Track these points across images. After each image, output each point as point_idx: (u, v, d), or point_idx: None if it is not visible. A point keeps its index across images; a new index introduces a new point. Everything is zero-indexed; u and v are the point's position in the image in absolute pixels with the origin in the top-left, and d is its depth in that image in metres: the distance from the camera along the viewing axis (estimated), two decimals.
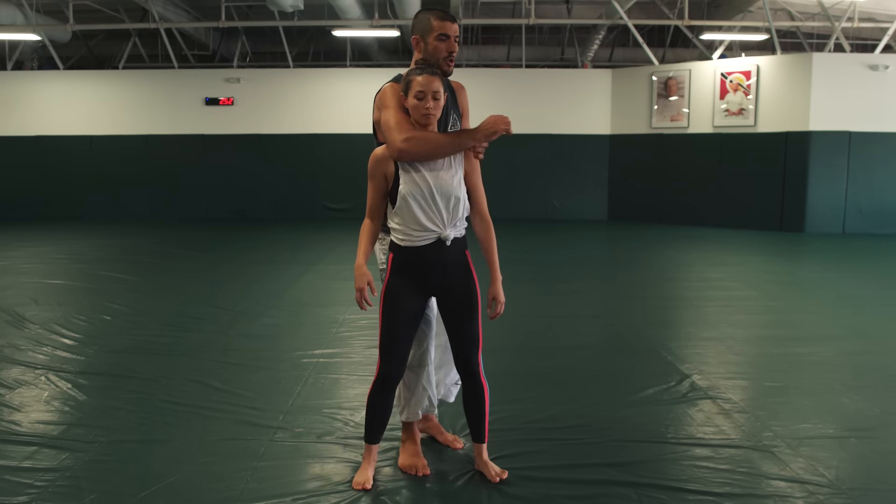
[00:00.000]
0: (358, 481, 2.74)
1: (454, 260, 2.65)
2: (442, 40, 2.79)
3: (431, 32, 2.78)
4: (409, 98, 2.59)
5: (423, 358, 2.88)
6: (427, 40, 2.80)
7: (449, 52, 2.80)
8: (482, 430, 2.79)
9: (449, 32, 2.78)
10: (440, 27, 2.77)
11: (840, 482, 2.77)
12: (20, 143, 12.56)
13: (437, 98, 2.58)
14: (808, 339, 4.95)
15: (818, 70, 10.50)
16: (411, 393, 2.91)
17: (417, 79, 2.57)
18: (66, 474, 2.82)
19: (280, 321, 5.37)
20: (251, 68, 14.06)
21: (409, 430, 2.97)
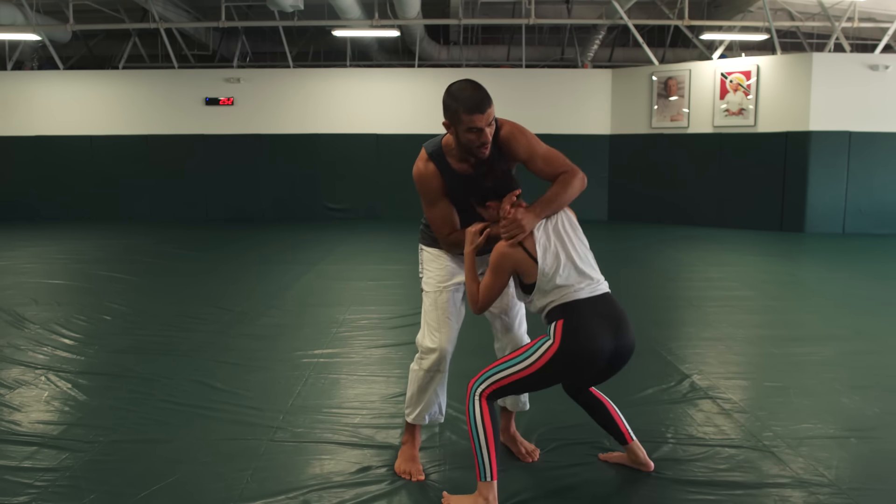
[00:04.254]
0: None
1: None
2: (473, 132, 2.59)
3: (461, 124, 2.59)
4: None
5: (440, 363, 2.84)
6: (458, 130, 2.62)
7: (481, 143, 2.61)
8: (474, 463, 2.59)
9: (480, 125, 2.57)
10: (469, 121, 2.56)
11: (840, 482, 2.77)
12: (20, 143, 12.55)
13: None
14: (808, 339, 4.95)
15: (818, 70, 10.50)
16: (425, 396, 2.88)
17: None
18: (66, 474, 2.82)
19: (280, 321, 5.37)
20: (251, 68, 14.06)
21: (412, 432, 2.96)
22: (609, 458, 2.97)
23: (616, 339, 2.53)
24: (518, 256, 2.56)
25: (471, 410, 2.55)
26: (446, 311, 2.83)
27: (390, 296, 6.23)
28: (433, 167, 2.74)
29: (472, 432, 2.53)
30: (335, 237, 10.23)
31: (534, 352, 2.53)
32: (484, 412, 2.53)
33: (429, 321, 2.85)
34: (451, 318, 2.84)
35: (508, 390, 2.57)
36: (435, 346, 2.81)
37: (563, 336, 2.49)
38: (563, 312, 2.53)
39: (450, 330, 2.83)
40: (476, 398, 2.55)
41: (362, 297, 6.22)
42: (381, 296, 6.26)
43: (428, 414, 2.92)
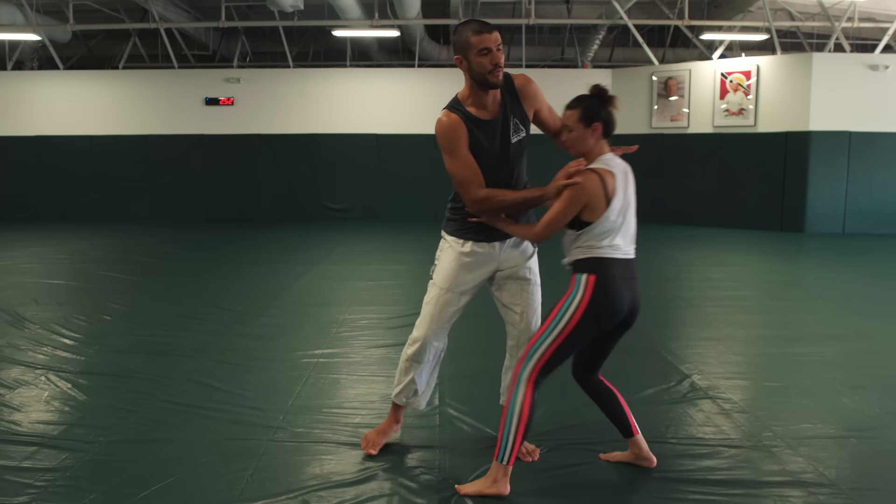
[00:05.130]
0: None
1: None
2: (484, 55, 2.70)
3: (472, 49, 2.70)
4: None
5: (419, 355, 2.98)
6: (469, 58, 2.72)
7: (494, 64, 2.71)
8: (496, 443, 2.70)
9: (489, 45, 2.69)
10: (480, 41, 2.69)
11: (840, 482, 2.77)
12: (20, 143, 12.55)
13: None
14: (808, 339, 4.94)
15: (818, 70, 10.50)
16: (405, 378, 3.03)
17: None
18: (66, 474, 2.82)
19: (280, 321, 5.37)
20: (251, 68, 14.06)
21: (394, 410, 3.12)
22: (611, 458, 2.98)
23: (632, 303, 2.69)
24: (597, 192, 2.60)
25: (514, 394, 2.64)
26: (443, 311, 2.94)
27: (390, 296, 6.23)
28: (456, 116, 2.80)
29: (507, 414, 2.63)
30: (335, 237, 10.23)
31: (563, 313, 2.62)
32: (526, 398, 2.63)
33: (425, 312, 2.97)
34: (445, 319, 2.96)
35: (552, 364, 2.65)
36: (419, 336, 2.96)
37: (593, 291, 2.60)
38: (596, 267, 2.63)
39: (439, 328, 2.96)
40: (522, 383, 2.64)
41: (362, 297, 6.22)
42: (381, 296, 6.26)
43: (405, 396, 3.07)
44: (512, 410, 2.62)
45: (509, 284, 2.98)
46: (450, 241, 2.97)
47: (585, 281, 2.62)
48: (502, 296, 3.00)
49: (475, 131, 2.79)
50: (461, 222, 2.93)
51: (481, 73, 2.73)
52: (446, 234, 2.99)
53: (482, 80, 2.74)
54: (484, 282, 3.01)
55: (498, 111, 2.84)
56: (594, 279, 2.61)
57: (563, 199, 2.62)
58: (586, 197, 2.60)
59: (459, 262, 2.92)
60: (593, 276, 2.62)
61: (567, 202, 2.61)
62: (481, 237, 2.90)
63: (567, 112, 2.71)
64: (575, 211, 2.62)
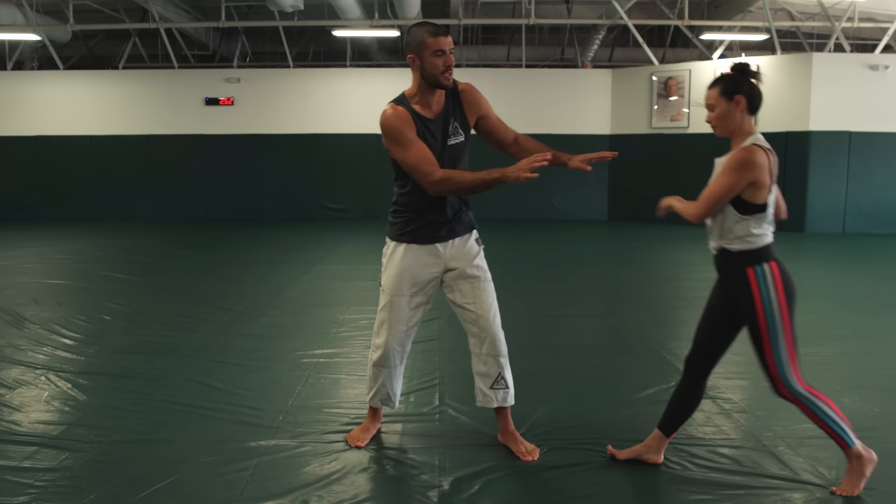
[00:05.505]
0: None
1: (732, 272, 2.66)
2: (438, 56, 2.78)
3: (426, 49, 2.79)
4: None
5: (384, 361, 3.04)
6: (423, 57, 2.80)
7: (446, 66, 2.80)
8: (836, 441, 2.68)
9: (444, 47, 2.78)
10: (435, 43, 2.77)
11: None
12: (20, 143, 12.55)
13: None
14: (808, 339, 4.92)
15: (818, 70, 10.50)
16: (375, 383, 3.11)
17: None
18: (66, 474, 2.82)
19: (280, 321, 5.37)
20: (251, 68, 14.06)
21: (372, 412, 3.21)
22: (620, 454, 2.95)
23: None
24: (765, 167, 2.53)
25: (808, 403, 2.61)
26: (397, 315, 3.00)
27: None
28: (403, 109, 2.88)
29: (820, 416, 2.61)
30: (335, 237, 10.23)
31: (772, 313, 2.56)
32: (815, 395, 2.62)
33: (381, 320, 3.03)
34: (401, 323, 3.00)
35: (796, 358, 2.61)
36: (381, 343, 3.04)
37: (782, 277, 2.57)
38: (769, 254, 2.60)
39: (397, 332, 3.01)
40: (803, 393, 2.61)
41: (362, 297, 6.21)
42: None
43: (379, 399, 3.14)
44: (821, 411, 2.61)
45: (461, 285, 2.99)
46: (391, 245, 3.02)
47: (770, 270, 2.57)
48: (455, 297, 3.02)
49: (420, 127, 2.85)
50: (402, 226, 2.98)
51: (433, 74, 2.81)
52: (388, 239, 3.05)
53: (433, 80, 2.83)
54: (435, 283, 3.02)
55: (440, 112, 2.90)
56: (776, 266, 2.58)
57: (730, 171, 2.51)
58: (755, 171, 2.50)
59: (403, 265, 2.96)
60: (774, 263, 2.58)
61: (735, 174, 2.51)
62: (423, 240, 2.94)
63: (707, 92, 2.64)
64: (742, 186, 2.51)
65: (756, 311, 2.58)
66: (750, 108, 2.59)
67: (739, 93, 2.57)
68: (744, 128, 2.60)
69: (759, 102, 2.60)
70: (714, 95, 2.61)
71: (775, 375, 2.61)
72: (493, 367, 3.02)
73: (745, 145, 2.56)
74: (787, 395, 2.62)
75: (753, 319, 2.59)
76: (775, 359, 2.59)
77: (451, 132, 2.91)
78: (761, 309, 2.57)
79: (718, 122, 2.62)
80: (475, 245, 3.04)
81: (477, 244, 3.05)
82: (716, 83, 2.63)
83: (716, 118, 2.62)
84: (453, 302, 3.04)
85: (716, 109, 2.61)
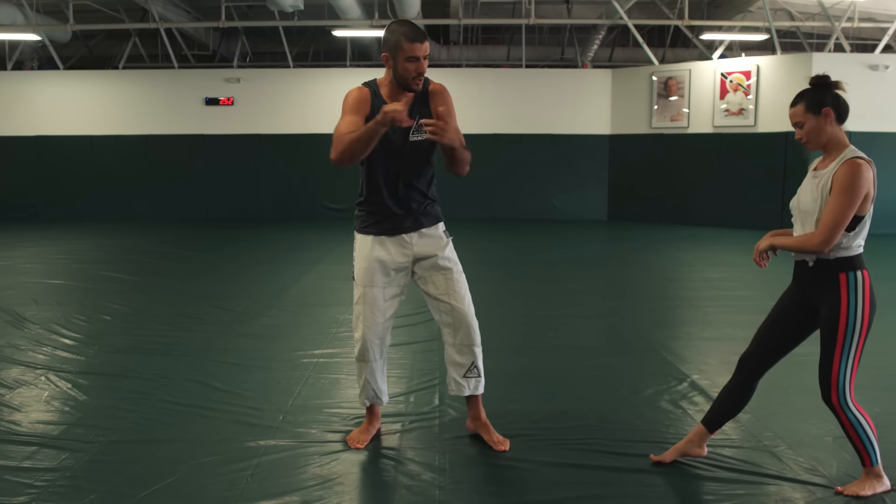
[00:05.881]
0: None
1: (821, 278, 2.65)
2: (411, 62, 2.82)
3: (401, 53, 2.82)
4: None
5: (364, 354, 3.05)
6: (397, 60, 2.84)
7: (418, 72, 2.84)
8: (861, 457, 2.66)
9: (418, 54, 2.81)
10: (410, 49, 2.80)
11: (840, 482, 2.77)
12: (20, 143, 12.55)
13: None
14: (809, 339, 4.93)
15: (818, 70, 10.37)
16: (360, 381, 3.12)
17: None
18: (66, 474, 2.82)
19: (280, 321, 5.37)
20: (251, 68, 14.06)
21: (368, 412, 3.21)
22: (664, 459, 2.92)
23: None
24: (873, 181, 2.56)
25: (851, 418, 2.59)
26: (372, 307, 3.02)
27: None
28: (367, 91, 2.96)
29: (858, 433, 2.59)
30: (335, 237, 10.22)
31: (856, 320, 2.57)
32: (861, 413, 2.61)
33: (357, 313, 3.06)
34: (377, 314, 3.02)
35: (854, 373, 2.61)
36: (358, 337, 3.05)
37: (871, 286, 2.61)
38: (861, 262, 2.63)
39: (374, 325, 3.03)
40: (850, 407, 2.60)
41: None
42: None
43: (366, 397, 3.15)
44: (861, 429, 2.59)
45: (434, 276, 3.04)
46: (359, 238, 3.06)
47: (862, 278, 2.60)
48: (429, 288, 3.06)
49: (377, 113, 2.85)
50: (365, 218, 3.03)
51: (404, 77, 2.86)
52: (356, 232, 3.08)
53: (404, 83, 2.88)
54: (406, 273, 3.06)
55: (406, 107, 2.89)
56: (867, 275, 2.61)
57: (846, 192, 2.50)
58: (867, 186, 2.52)
59: (371, 257, 3.00)
60: (866, 272, 2.61)
61: (852, 194, 2.50)
62: (388, 231, 2.99)
63: (791, 111, 2.65)
64: (859, 202, 2.52)
65: (840, 316, 2.57)
66: (839, 119, 2.60)
67: (825, 105, 2.58)
68: (838, 139, 2.60)
69: (846, 112, 2.61)
70: (800, 112, 2.62)
71: (834, 383, 2.60)
72: (468, 356, 3.08)
73: (848, 159, 2.55)
74: (837, 405, 2.61)
75: (835, 324, 2.58)
76: (840, 366, 2.58)
77: (415, 129, 2.93)
78: (846, 314, 2.57)
79: (810, 138, 2.62)
80: (443, 236, 3.09)
81: (445, 236, 3.10)
82: (799, 99, 2.64)
83: (806, 134, 2.62)
84: (427, 293, 3.08)
85: (805, 126, 2.61)
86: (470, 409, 3.18)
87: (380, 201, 2.98)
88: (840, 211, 2.51)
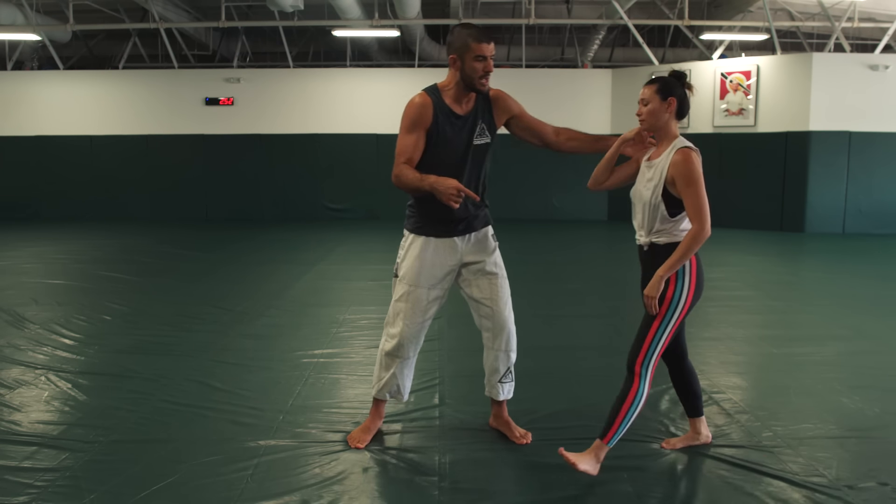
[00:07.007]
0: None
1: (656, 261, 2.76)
2: (479, 61, 2.86)
3: (469, 52, 2.86)
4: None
5: (399, 350, 3.06)
6: (465, 60, 2.87)
7: (485, 71, 2.88)
8: (608, 426, 2.76)
9: (486, 53, 2.86)
10: (478, 49, 2.85)
11: (840, 482, 2.77)
12: (20, 143, 12.55)
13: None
14: (808, 339, 4.95)
15: (818, 70, 10.50)
16: (386, 374, 3.12)
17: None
18: (66, 474, 2.82)
19: (280, 321, 5.37)
20: (251, 68, 14.06)
21: (376, 406, 3.20)
22: (674, 445, 3.08)
23: None
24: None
25: (640, 387, 2.73)
26: (415, 307, 3.04)
27: (390, 296, 6.21)
28: (430, 100, 2.94)
29: (630, 405, 2.72)
30: (335, 237, 10.23)
31: (678, 299, 2.73)
32: (647, 390, 2.74)
33: (397, 310, 3.07)
34: (419, 315, 3.05)
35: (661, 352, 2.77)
36: (396, 332, 3.06)
37: (697, 270, 2.77)
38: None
39: (414, 324, 3.05)
40: (645, 380, 2.74)
41: (362, 297, 6.22)
42: (381, 296, 6.25)
43: (388, 391, 3.15)
44: (635, 404, 2.72)
45: (478, 280, 3.08)
46: (410, 237, 3.07)
47: (689, 262, 2.74)
48: (472, 292, 3.10)
49: (442, 121, 2.91)
50: (419, 219, 3.04)
51: (471, 77, 2.89)
52: (407, 231, 3.09)
53: (470, 83, 2.91)
54: (451, 276, 3.08)
55: (470, 111, 2.98)
56: (695, 259, 2.75)
57: (696, 180, 2.68)
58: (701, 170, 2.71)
59: (422, 258, 3.01)
60: (694, 257, 2.74)
61: (700, 178, 2.68)
62: (441, 233, 3.01)
63: (645, 87, 2.81)
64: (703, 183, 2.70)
65: (666, 293, 2.73)
66: (678, 113, 2.81)
67: (673, 95, 2.78)
68: (671, 130, 2.81)
69: (686, 110, 2.83)
70: (651, 92, 2.79)
71: (644, 350, 2.74)
72: (504, 361, 3.15)
73: (679, 148, 2.74)
74: (637, 371, 2.74)
75: (661, 299, 2.73)
76: (654, 337, 2.75)
77: (479, 133, 2.99)
78: (671, 293, 2.73)
79: (648, 117, 2.80)
80: (492, 241, 3.13)
81: (493, 240, 3.14)
82: (655, 81, 2.81)
83: (647, 112, 2.79)
84: (469, 296, 3.12)
85: (649, 105, 2.79)
86: (494, 406, 3.25)
87: (436, 203, 2.93)
88: (698, 198, 2.68)
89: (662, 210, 2.73)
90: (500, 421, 3.24)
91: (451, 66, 2.93)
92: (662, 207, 2.73)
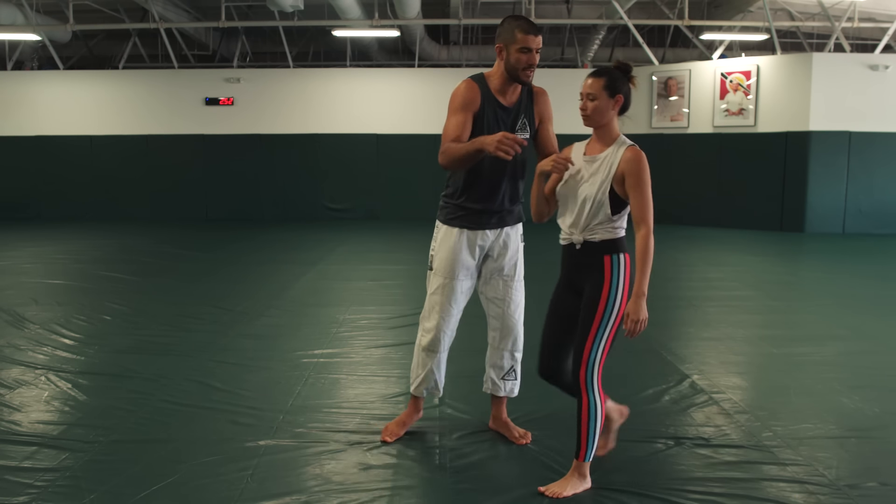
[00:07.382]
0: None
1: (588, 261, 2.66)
2: (524, 52, 2.87)
3: (515, 44, 2.87)
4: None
5: (434, 345, 3.07)
6: (510, 50, 2.89)
7: (529, 63, 2.88)
8: (578, 445, 2.68)
9: (532, 46, 2.87)
10: (524, 40, 2.86)
11: (840, 482, 2.77)
12: (20, 143, 12.55)
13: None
14: (808, 339, 4.94)
15: (818, 70, 10.50)
16: (423, 371, 3.12)
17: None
18: (66, 474, 2.82)
19: (280, 321, 5.37)
20: (251, 68, 14.06)
21: (414, 402, 3.23)
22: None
23: None
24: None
25: (591, 400, 2.62)
26: (451, 299, 3.04)
27: (390, 296, 6.23)
28: (476, 87, 2.95)
29: (589, 420, 2.62)
30: (335, 237, 10.23)
31: (614, 300, 2.62)
32: (602, 402, 2.64)
33: (433, 303, 3.06)
34: (454, 306, 3.05)
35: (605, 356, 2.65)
36: (432, 326, 3.06)
37: (631, 267, 2.65)
38: (624, 245, 2.66)
39: (449, 316, 3.06)
40: (594, 390, 2.63)
41: (362, 297, 6.22)
42: (381, 296, 6.26)
43: (425, 388, 3.17)
44: (594, 417, 2.62)
45: (495, 279, 3.10)
46: (444, 229, 3.07)
47: (624, 260, 2.65)
48: (487, 290, 3.12)
49: (488, 109, 2.93)
50: (453, 210, 3.04)
51: (515, 68, 2.89)
52: (440, 223, 3.09)
53: (514, 73, 2.91)
54: (478, 266, 3.10)
55: (514, 103, 3.00)
56: (629, 257, 2.65)
57: (645, 180, 2.58)
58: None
59: (456, 249, 3.02)
60: (628, 255, 2.65)
61: (647, 178, 2.59)
62: (474, 225, 3.01)
63: (591, 79, 2.66)
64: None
65: (601, 295, 2.61)
66: (623, 109, 2.69)
67: (620, 93, 2.64)
68: (613, 127, 2.68)
69: (628, 107, 2.69)
70: (598, 86, 2.64)
71: (584, 360, 2.62)
72: (508, 360, 3.18)
73: (629, 146, 2.64)
74: (582, 383, 2.62)
75: (595, 303, 2.62)
76: (594, 345, 2.62)
77: (520, 126, 3.01)
78: (606, 294, 2.62)
79: (593, 114, 2.66)
80: (519, 240, 3.14)
81: (521, 239, 3.16)
82: (601, 73, 2.66)
83: (593, 109, 2.65)
84: (484, 294, 3.14)
85: (595, 101, 2.65)
86: (493, 408, 3.25)
87: (473, 195, 2.99)
88: (648, 200, 2.59)
89: (606, 207, 2.62)
90: (499, 422, 3.24)
91: (498, 56, 2.94)
92: (606, 203, 2.61)
